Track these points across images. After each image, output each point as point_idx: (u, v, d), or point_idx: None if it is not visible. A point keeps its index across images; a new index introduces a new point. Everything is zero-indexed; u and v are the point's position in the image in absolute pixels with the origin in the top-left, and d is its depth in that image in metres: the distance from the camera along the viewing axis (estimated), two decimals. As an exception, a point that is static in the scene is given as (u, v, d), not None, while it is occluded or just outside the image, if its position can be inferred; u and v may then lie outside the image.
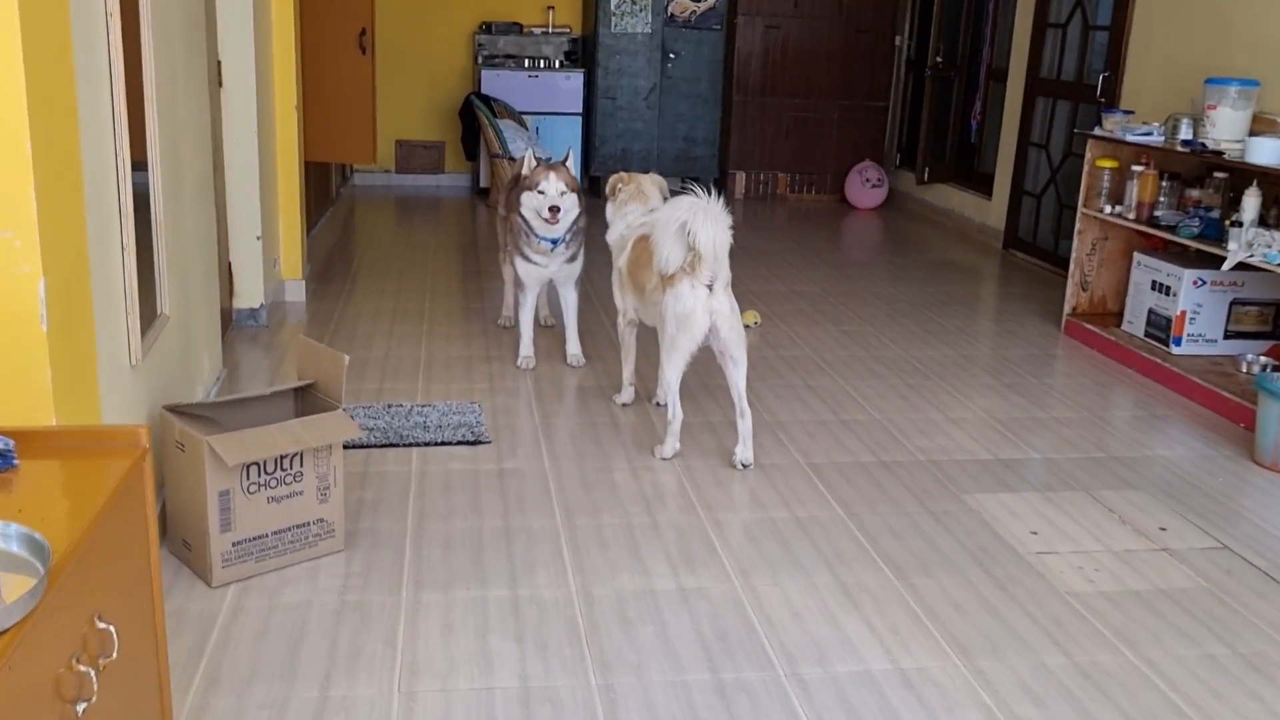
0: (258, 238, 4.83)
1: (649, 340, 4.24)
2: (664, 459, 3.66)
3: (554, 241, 4.32)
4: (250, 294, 4.88)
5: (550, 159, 7.98)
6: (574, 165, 4.40)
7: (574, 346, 4.63)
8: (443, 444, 3.70)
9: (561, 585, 2.82)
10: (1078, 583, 2.94)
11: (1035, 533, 3.24)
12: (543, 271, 4.43)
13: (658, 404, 4.16)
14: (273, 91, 5.11)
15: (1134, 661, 2.58)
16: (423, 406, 4.02)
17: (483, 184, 8.56)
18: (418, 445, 3.68)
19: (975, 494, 3.50)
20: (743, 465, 3.60)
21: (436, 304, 5.48)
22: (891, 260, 7.27)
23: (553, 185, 4.23)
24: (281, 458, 2.75)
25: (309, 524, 2.86)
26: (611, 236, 4.08)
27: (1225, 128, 4.78)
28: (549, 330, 5.03)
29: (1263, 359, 4.61)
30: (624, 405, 4.16)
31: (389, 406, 4.00)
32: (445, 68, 8.92)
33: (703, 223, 3.37)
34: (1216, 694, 2.46)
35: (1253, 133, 4.74)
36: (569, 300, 4.56)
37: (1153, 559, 3.11)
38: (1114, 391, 4.62)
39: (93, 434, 1.60)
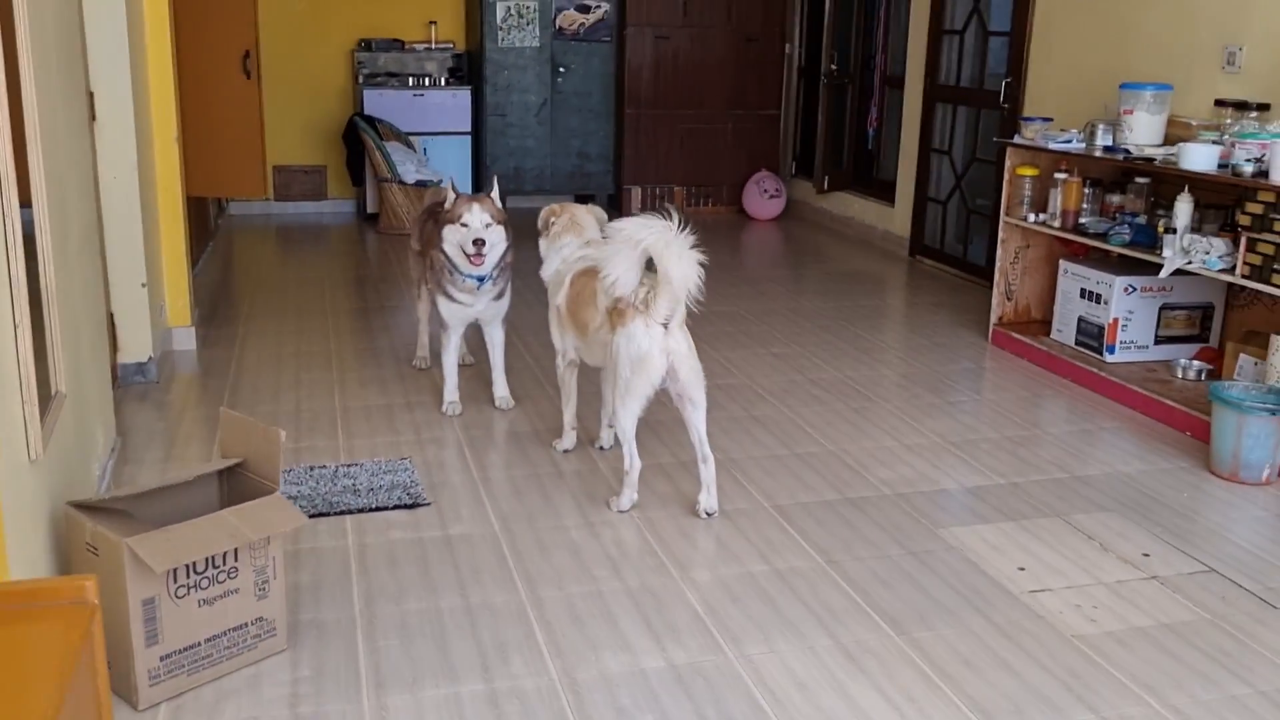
0: (143, 284, 4.39)
1: (587, 381, 3.99)
2: (621, 511, 3.40)
3: (480, 279, 4.01)
4: (137, 347, 4.44)
5: (440, 182, 7.66)
6: (498, 195, 4.11)
7: (502, 388, 4.33)
8: (378, 509, 3.37)
9: (541, 672, 2.54)
10: (1080, 624, 2.80)
11: (1023, 569, 3.08)
12: (468, 311, 4.12)
13: (601, 448, 3.91)
14: (150, 123, 4.67)
15: (1161, 712, 2.43)
16: (349, 466, 3.67)
17: (370, 210, 8.14)
18: (351, 513, 3.34)
19: (951, 528, 3.33)
20: (708, 514, 3.37)
21: (342, 345, 5.10)
22: (802, 273, 7.16)
23: (477, 217, 3.92)
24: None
25: (247, 625, 2.51)
26: (546, 272, 3.80)
27: (1142, 132, 4.78)
28: (467, 369, 4.71)
29: (1195, 363, 4.60)
30: (565, 451, 3.88)
31: (311, 469, 3.64)
32: (323, 88, 8.47)
33: (675, 257, 3.11)
34: (1255, 743, 2.33)
35: (1168, 138, 4.75)
36: (495, 339, 4.26)
37: (1146, 590, 2.99)
38: (1056, 404, 4.55)
39: (22, 593, 1.26)
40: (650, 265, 3.20)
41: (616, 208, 8.85)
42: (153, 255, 4.61)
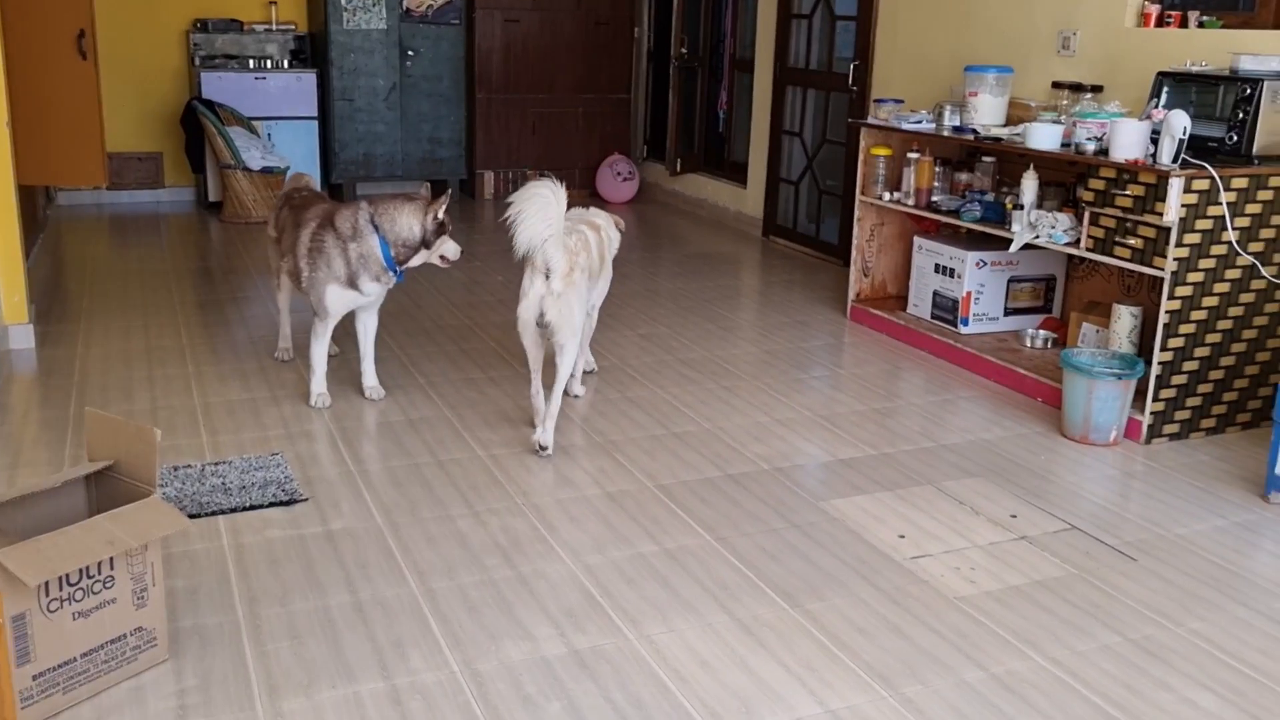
0: (-25, 281, 4.10)
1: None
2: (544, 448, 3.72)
3: (400, 273, 4.00)
4: (-29, 348, 4.14)
5: (289, 169, 7.40)
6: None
7: (371, 378, 4.22)
8: (252, 508, 3.23)
9: (442, 666, 2.49)
10: (961, 585, 2.91)
11: (903, 536, 3.19)
12: (362, 300, 4.00)
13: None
14: (-25, 108, 4.35)
15: (1044, 665, 2.55)
16: (216, 465, 3.52)
17: (212, 198, 7.79)
18: (223, 513, 3.20)
19: (831, 500, 3.42)
20: (540, 448, 3.70)
21: (195, 339, 4.88)
22: (659, 255, 7.20)
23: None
24: (88, 562, 2.26)
25: (126, 636, 2.38)
26: None
27: (986, 113, 4.98)
28: (333, 359, 4.55)
29: (1042, 333, 4.84)
30: (577, 397, 4.26)
31: (176, 469, 3.47)
32: (156, 70, 8.05)
33: (522, 221, 3.52)
34: (1130, 688, 2.47)
35: (1010, 118, 4.97)
36: (370, 326, 4.16)
37: (1017, 550, 3.13)
38: (915, 375, 4.71)
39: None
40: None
41: (469, 193, 8.73)
42: (-17, 249, 4.31)
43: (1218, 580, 2.98)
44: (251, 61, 7.97)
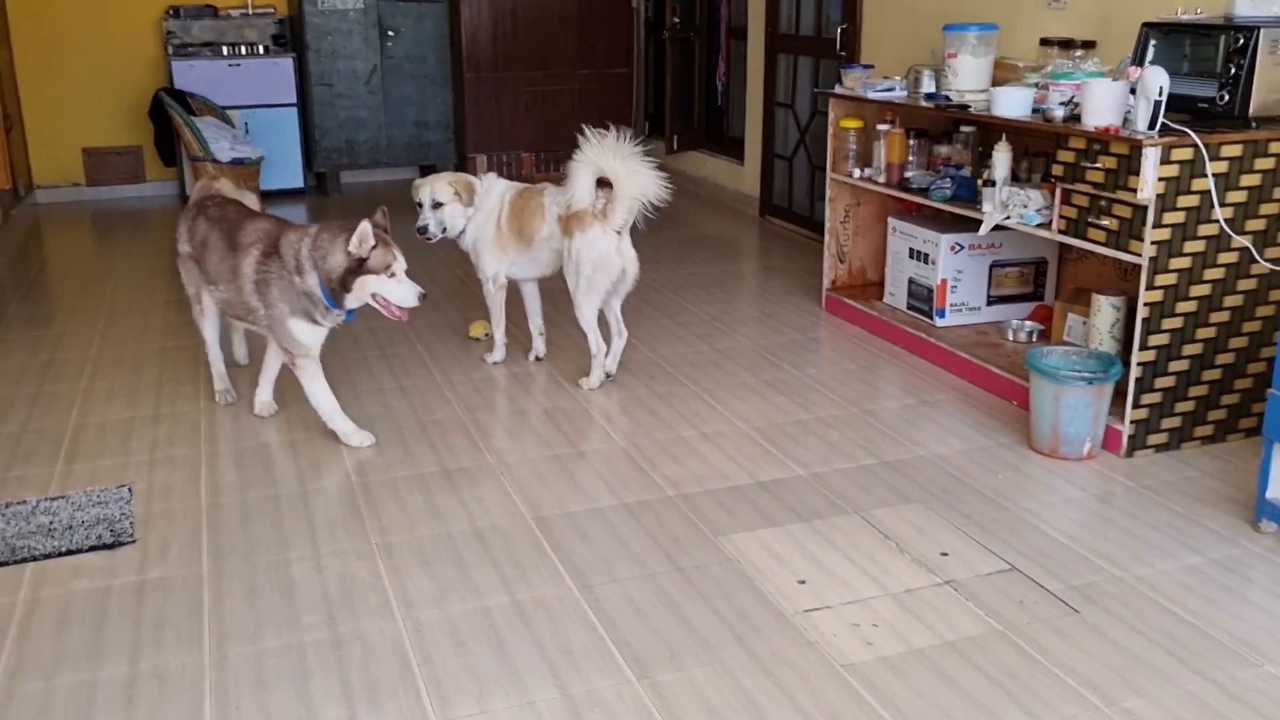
0: None
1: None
2: (592, 389, 3.99)
3: (350, 314, 3.48)
4: None
5: (260, 160, 7.08)
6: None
7: (266, 393, 3.84)
8: (70, 553, 2.88)
9: (191, 763, 2.10)
10: (855, 648, 2.43)
11: (803, 581, 2.72)
12: (325, 330, 3.52)
13: (536, 358, 4.33)
14: None
15: (924, 760, 2.08)
16: (53, 500, 3.17)
17: (189, 191, 7.51)
18: (34, 560, 2.85)
19: (733, 535, 2.95)
20: (608, 374, 4.05)
21: (106, 350, 4.55)
22: (647, 239, 6.71)
23: (401, 264, 3.34)
24: None
25: None
26: (472, 226, 4.09)
27: (968, 77, 4.41)
28: (243, 369, 4.20)
29: (1027, 324, 4.29)
30: (495, 364, 4.28)
31: (7, 506, 3.13)
32: (131, 60, 7.77)
33: (628, 173, 3.69)
34: (1023, 795, 1.99)
35: (996, 81, 4.40)
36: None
37: (936, 599, 2.63)
38: (881, 377, 4.20)
39: None
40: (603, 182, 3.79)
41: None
42: None
43: (1174, 639, 2.46)
44: (225, 48, 7.65)
